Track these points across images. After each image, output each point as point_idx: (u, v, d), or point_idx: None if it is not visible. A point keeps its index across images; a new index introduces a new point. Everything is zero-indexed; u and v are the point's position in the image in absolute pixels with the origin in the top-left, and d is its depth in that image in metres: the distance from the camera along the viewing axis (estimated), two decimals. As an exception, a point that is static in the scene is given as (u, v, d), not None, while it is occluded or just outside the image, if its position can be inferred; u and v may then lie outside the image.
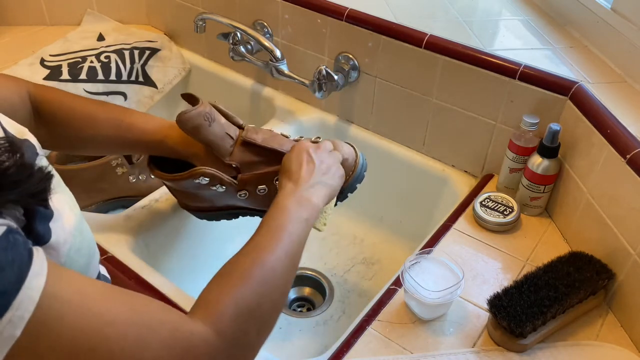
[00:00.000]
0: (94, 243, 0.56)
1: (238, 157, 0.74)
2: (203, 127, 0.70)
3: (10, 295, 0.37)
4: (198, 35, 1.18)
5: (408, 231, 1.11)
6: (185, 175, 0.73)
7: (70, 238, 0.49)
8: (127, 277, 0.77)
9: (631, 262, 0.71)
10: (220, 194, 0.76)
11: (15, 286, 0.37)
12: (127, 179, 1.05)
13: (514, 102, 0.89)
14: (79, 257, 0.50)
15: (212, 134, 0.72)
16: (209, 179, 0.72)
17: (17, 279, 0.37)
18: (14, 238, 0.39)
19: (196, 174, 0.72)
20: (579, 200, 0.82)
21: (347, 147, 0.80)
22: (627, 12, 0.87)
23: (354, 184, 0.79)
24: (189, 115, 0.69)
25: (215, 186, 0.74)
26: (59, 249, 0.47)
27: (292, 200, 0.64)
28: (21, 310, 0.37)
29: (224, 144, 0.73)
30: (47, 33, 1.33)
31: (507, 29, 1.01)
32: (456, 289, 0.70)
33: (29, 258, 0.39)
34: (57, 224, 0.47)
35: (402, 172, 1.08)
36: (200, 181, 0.72)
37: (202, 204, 0.81)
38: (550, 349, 0.69)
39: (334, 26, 1.04)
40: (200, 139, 0.71)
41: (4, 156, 0.40)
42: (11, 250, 0.38)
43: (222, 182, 0.73)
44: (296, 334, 0.96)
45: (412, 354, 0.68)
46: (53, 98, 0.70)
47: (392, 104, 1.04)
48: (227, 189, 0.74)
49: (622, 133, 0.74)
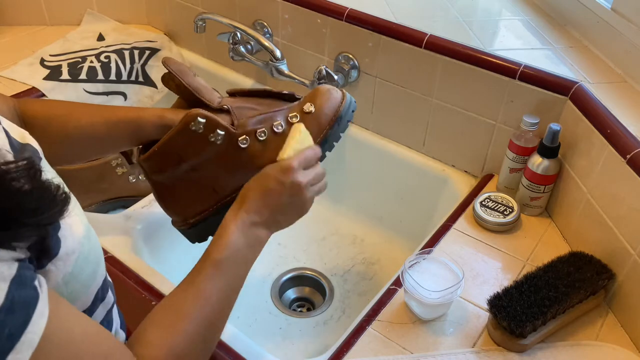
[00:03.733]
0: (100, 248, 0.56)
1: (228, 102, 0.71)
2: (189, 74, 0.69)
3: (15, 339, 0.37)
4: (198, 35, 1.18)
5: (408, 231, 1.11)
6: (180, 124, 0.67)
7: (79, 247, 0.48)
8: (127, 277, 0.77)
9: (631, 262, 0.71)
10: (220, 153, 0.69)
11: (21, 329, 0.37)
12: (127, 179, 1.05)
13: (514, 102, 0.89)
14: (87, 265, 0.50)
15: (198, 82, 0.70)
16: (204, 121, 0.66)
17: (23, 322, 0.37)
18: (24, 275, 0.39)
19: (191, 116, 0.66)
20: (579, 200, 0.82)
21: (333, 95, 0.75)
22: (627, 12, 0.87)
23: (338, 132, 0.75)
24: (176, 60, 0.69)
25: (213, 135, 0.67)
26: (68, 259, 0.47)
27: (242, 240, 0.61)
28: (21, 354, 0.37)
29: (210, 92, 0.71)
30: (47, 33, 1.33)
31: (507, 29, 1.01)
32: (456, 289, 0.70)
33: (35, 298, 0.39)
34: (66, 233, 0.47)
35: (402, 172, 1.08)
36: (196, 128, 0.67)
37: (203, 202, 0.73)
38: (550, 349, 0.69)
39: (334, 26, 1.04)
40: (188, 81, 0.69)
41: (24, 178, 0.38)
42: (22, 290, 0.38)
43: (219, 125, 0.67)
44: (296, 334, 0.96)
45: (412, 354, 0.68)
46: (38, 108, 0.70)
47: (392, 104, 1.04)
48: (225, 139, 0.68)
49: (622, 133, 0.74)
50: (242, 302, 1.00)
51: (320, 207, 1.21)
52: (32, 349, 0.38)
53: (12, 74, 1.16)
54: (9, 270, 0.37)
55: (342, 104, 0.75)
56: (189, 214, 0.74)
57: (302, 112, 0.72)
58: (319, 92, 0.75)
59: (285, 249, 1.11)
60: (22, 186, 0.38)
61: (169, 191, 0.74)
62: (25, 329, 0.37)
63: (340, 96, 0.75)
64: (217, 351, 0.68)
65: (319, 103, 0.73)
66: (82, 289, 0.50)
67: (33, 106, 0.70)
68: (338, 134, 0.75)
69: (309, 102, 0.73)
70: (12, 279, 0.37)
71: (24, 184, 0.38)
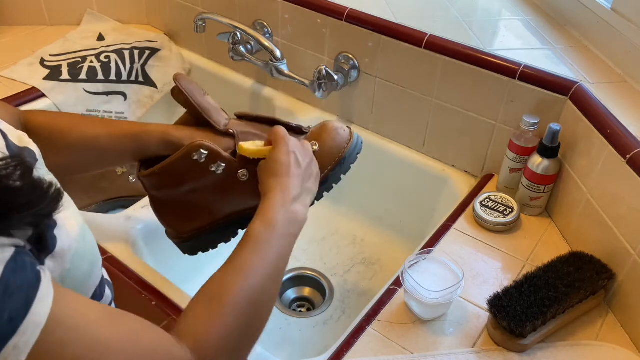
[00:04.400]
0: (97, 248, 0.56)
1: (234, 125, 0.71)
2: (199, 92, 0.69)
3: (18, 321, 0.37)
4: (198, 35, 1.18)
5: (408, 231, 1.12)
6: (182, 152, 0.67)
7: (75, 244, 0.49)
8: (127, 278, 0.77)
9: (631, 262, 0.71)
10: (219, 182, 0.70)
11: (23, 311, 0.37)
12: (127, 179, 1.05)
13: (514, 102, 0.89)
14: (83, 263, 0.50)
15: (207, 102, 0.70)
16: (207, 153, 0.68)
17: (24, 304, 0.37)
18: (22, 260, 0.39)
19: (194, 147, 0.67)
20: (579, 200, 0.82)
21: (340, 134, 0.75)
22: (627, 12, 0.87)
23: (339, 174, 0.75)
24: (186, 75, 0.69)
25: (215, 165, 0.68)
26: (64, 256, 0.47)
27: (282, 214, 0.61)
28: (27, 336, 0.37)
29: (218, 113, 0.71)
30: (47, 33, 1.33)
31: (507, 29, 1.01)
32: (456, 289, 0.70)
33: (36, 281, 0.39)
34: (62, 231, 0.47)
35: (402, 172, 1.08)
36: (198, 157, 0.67)
37: (198, 221, 0.74)
38: (550, 349, 0.69)
39: (334, 26, 1.04)
40: (197, 101, 0.69)
41: (15, 176, 0.39)
42: (20, 274, 0.38)
43: (220, 157, 0.68)
44: (296, 334, 0.96)
45: (412, 354, 0.68)
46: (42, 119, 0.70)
47: (392, 104, 1.04)
48: (226, 171, 0.69)
49: (622, 133, 0.74)
50: (242, 302, 1.01)
51: (320, 207, 1.21)
52: (38, 331, 0.38)
53: (12, 74, 1.16)
54: (2, 254, 0.38)
55: (347, 145, 0.74)
56: (183, 230, 0.75)
57: None
58: (326, 130, 0.74)
59: (285, 249, 1.11)
60: (13, 183, 0.39)
61: (165, 206, 0.75)
62: (29, 311, 0.37)
63: (347, 137, 0.75)
64: (217, 351, 0.68)
65: (323, 141, 0.73)
66: (79, 286, 0.50)
67: (37, 117, 0.69)
68: (339, 175, 0.75)
69: (313, 140, 0.73)
70: (8, 262, 0.37)
71: (15, 181, 0.39)
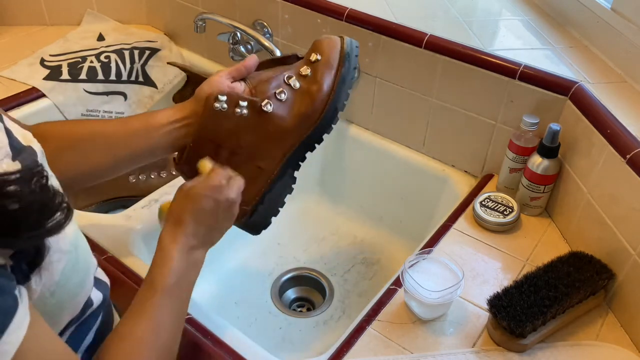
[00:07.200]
0: (90, 255, 0.55)
1: None
2: None
3: None
4: (198, 35, 1.18)
5: (408, 231, 1.12)
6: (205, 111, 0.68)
7: (65, 256, 0.47)
8: (127, 277, 0.77)
9: (631, 262, 0.71)
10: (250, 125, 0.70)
11: None
12: (127, 178, 1.05)
13: (514, 102, 0.89)
14: (74, 274, 0.49)
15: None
16: (225, 98, 0.68)
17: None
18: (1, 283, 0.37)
19: (211, 98, 0.68)
20: (579, 200, 0.82)
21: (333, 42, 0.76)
22: (627, 12, 0.87)
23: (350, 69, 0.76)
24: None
25: (238, 108, 0.69)
26: (53, 269, 0.46)
27: (184, 262, 0.60)
28: None
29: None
30: (47, 33, 1.33)
31: (507, 29, 1.01)
32: (456, 289, 0.70)
33: (14, 307, 0.37)
34: (53, 239, 0.45)
35: (402, 172, 1.08)
36: (220, 106, 0.68)
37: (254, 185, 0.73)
38: (550, 349, 0.69)
39: (334, 26, 1.04)
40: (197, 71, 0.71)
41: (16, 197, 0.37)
42: None
43: (240, 97, 0.69)
44: (296, 334, 0.96)
45: (412, 354, 0.68)
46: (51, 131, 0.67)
47: (392, 104, 1.04)
48: (250, 109, 0.70)
49: (622, 133, 0.74)
50: (242, 302, 1.01)
51: (320, 207, 1.21)
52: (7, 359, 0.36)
53: (12, 74, 1.16)
54: None
55: (343, 43, 0.77)
56: (245, 201, 0.72)
57: (310, 63, 0.75)
58: (318, 42, 0.78)
59: (285, 249, 1.11)
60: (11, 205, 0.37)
61: None
62: (0, 338, 0.36)
63: (338, 38, 0.78)
64: (217, 351, 0.68)
65: (322, 50, 0.76)
66: (70, 298, 0.49)
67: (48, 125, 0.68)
68: (351, 70, 0.77)
69: (313, 53, 0.76)
70: None
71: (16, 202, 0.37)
